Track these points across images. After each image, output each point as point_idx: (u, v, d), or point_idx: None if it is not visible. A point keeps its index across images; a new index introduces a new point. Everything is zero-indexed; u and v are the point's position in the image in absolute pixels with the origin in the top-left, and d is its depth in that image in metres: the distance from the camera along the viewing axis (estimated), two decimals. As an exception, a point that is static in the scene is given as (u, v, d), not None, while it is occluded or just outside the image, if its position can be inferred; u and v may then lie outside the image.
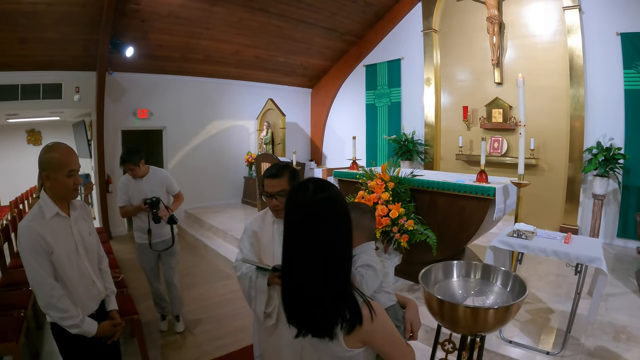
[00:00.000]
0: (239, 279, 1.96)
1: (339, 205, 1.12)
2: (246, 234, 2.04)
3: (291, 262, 1.13)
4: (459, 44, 6.83)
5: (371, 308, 1.09)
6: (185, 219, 7.78)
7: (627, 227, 5.04)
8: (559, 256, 2.58)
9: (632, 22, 4.91)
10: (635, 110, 4.95)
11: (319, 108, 9.77)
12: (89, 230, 2.01)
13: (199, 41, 6.88)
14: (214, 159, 8.33)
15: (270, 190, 1.88)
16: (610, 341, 2.88)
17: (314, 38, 7.87)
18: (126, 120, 7.11)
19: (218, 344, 3.38)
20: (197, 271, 5.35)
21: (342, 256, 1.11)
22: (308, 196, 1.10)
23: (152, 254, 3.48)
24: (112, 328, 1.98)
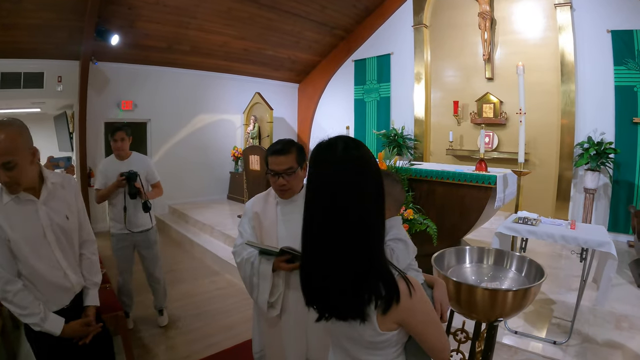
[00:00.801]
0: (238, 265, 1.82)
1: (373, 167, 0.97)
2: (246, 216, 1.90)
3: (314, 234, 0.98)
4: (450, 39, 6.83)
5: (408, 282, 0.95)
6: (169, 214, 7.56)
7: (617, 221, 5.11)
8: (567, 241, 2.54)
9: (623, 19, 4.99)
10: (625, 106, 5.02)
11: (306, 103, 9.66)
12: (65, 212, 1.73)
13: (186, 31, 6.67)
14: (199, 154, 8.11)
15: (275, 168, 1.74)
16: (613, 330, 2.87)
17: (303, 32, 7.76)
18: (109, 112, 6.83)
19: (209, 342, 3.22)
20: (183, 267, 5.16)
21: (375, 225, 0.96)
22: (337, 155, 0.94)
23: (127, 244, 3.29)
24: (83, 328, 1.71)
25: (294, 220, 1.79)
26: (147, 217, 3.29)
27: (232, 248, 1.96)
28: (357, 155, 0.95)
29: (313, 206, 0.98)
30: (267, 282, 1.73)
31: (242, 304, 3.98)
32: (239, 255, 1.82)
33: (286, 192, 1.80)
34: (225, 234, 5.64)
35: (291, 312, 1.79)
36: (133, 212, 3.20)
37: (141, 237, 3.31)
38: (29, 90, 5.98)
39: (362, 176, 0.94)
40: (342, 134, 1.01)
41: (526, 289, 1.78)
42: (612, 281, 2.44)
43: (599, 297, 2.53)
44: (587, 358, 2.52)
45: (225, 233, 5.65)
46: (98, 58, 6.36)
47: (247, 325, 3.47)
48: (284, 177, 1.74)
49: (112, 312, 2.58)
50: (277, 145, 1.77)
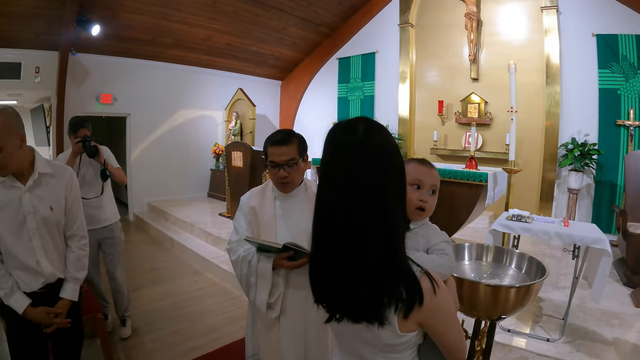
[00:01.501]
0: (233, 263, 1.71)
1: (397, 152, 0.88)
2: (242, 211, 1.78)
3: (328, 224, 0.87)
4: (436, 39, 6.84)
5: (432, 278, 0.86)
6: (149, 212, 7.34)
7: (600, 221, 5.19)
8: (561, 238, 2.53)
9: (608, 24, 5.10)
10: (609, 108, 5.12)
11: (289, 101, 9.56)
12: (51, 202, 1.73)
13: (169, 24, 6.48)
14: (179, 150, 7.90)
15: (276, 160, 1.64)
16: (604, 326, 2.88)
17: (288, 28, 7.66)
18: (88, 105, 6.57)
19: (192, 345, 3.07)
20: (163, 267, 4.97)
21: (398, 217, 0.86)
22: (358, 138, 0.84)
23: (91, 242, 3.02)
24: (47, 317, 1.71)
25: (293, 215, 1.72)
26: (110, 210, 3.10)
27: (213, 247, 1.84)
28: (381, 139, 0.86)
29: (329, 194, 0.87)
30: (266, 282, 1.62)
31: (226, 304, 3.85)
32: (234, 253, 1.70)
33: (287, 185, 1.70)
34: (206, 232, 5.49)
35: (290, 313, 1.69)
36: (90, 181, 2.97)
37: (105, 232, 3.08)
38: (5, 80, 5.73)
39: (385, 162, 0.85)
40: (361, 116, 0.91)
41: (529, 285, 1.74)
42: (607, 278, 2.44)
43: (594, 294, 2.52)
44: (581, 354, 2.51)
45: (206, 231, 5.50)
46: (78, 49, 6.13)
47: (232, 327, 3.36)
48: (285, 169, 1.64)
49: (91, 314, 2.42)
50: (277, 135, 1.67)
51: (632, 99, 4.98)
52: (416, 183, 1.24)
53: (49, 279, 1.74)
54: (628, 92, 5.01)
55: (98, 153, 2.87)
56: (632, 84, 4.97)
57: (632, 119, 4.90)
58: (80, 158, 2.89)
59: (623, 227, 3.80)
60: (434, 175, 1.27)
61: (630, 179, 4.24)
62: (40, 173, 1.71)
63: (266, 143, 1.69)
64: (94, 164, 2.96)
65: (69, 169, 1.87)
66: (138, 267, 4.84)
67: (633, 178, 4.23)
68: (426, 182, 1.24)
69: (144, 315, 3.50)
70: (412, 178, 1.23)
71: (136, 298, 3.77)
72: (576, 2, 5.34)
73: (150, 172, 7.46)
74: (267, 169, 1.73)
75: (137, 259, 5.19)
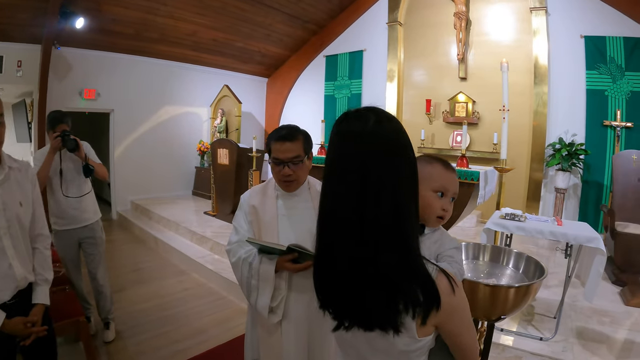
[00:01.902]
0: (233, 265, 1.63)
1: (410, 145, 0.82)
2: (242, 210, 1.71)
3: (336, 221, 0.80)
4: (424, 38, 6.84)
5: (450, 277, 0.80)
6: (132, 210, 7.16)
7: (586, 220, 5.18)
8: (556, 237, 2.52)
9: (596, 26, 5.16)
10: (596, 109, 5.18)
11: (275, 98, 9.45)
12: (20, 198, 1.61)
13: (155, 18, 6.31)
14: (164, 147, 7.73)
15: (280, 156, 1.57)
16: (596, 324, 2.90)
17: (275, 24, 7.56)
18: (71, 101, 6.37)
19: (177, 348, 2.95)
20: (147, 267, 4.83)
21: (412, 213, 0.79)
22: (369, 128, 0.78)
23: (71, 242, 2.92)
24: (25, 327, 1.55)
25: (296, 215, 1.67)
26: (91, 209, 2.97)
27: (199, 246, 1.75)
28: (394, 129, 0.80)
29: (336, 190, 0.80)
30: (268, 285, 1.54)
31: (212, 305, 3.75)
32: (234, 254, 1.62)
33: (291, 184, 1.63)
34: (191, 231, 5.37)
35: (292, 318, 1.62)
36: (72, 179, 2.84)
37: (86, 232, 2.95)
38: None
39: (400, 155, 0.79)
40: (371, 106, 0.85)
41: (528, 285, 1.71)
42: (601, 276, 2.43)
43: (587, 293, 2.52)
44: (574, 353, 2.50)
45: (191, 230, 5.38)
46: (61, 43, 5.95)
47: (219, 329, 3.27)
48: (289, 167, 1.57)
49: (73, 316, 2.30)
50: (282, 131, 1.60)
51: (619, 100, 5.05)
52: (441, 190, 1.12)
53: (20, 283, 1.59)
54: (615, 93, 5.07)
55: (78, 147, 2.74)
56: (619, 86, 5.04)
57: (619, 120, 4.96)
58: (60, 155, 2.76)
59: (611, 226, 3.84)
60: (457, 181, 1.18)
61: (618, 179, 4.29)
62: (9, 167, 1.60)
63: (270, 138, 1.63)
64: (75, 159, 2.83)
65: (30, 165, 1.76)
66: (121, 267, 4.69)
67: (620, 178, 4.27)
68: (450, 189, 1.14)
69: (127, 318, 3.38)
70: (438, 185, 1.11)
71: (119, 300, 3.64)
72: (565, 3, 5.39)
73: (134, 169, 7.29)
74: (270, 165, 1.65)
75: (120, 258, 5.04)
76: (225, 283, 4.07)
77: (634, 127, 4.93)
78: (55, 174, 2.78)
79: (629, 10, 4.95)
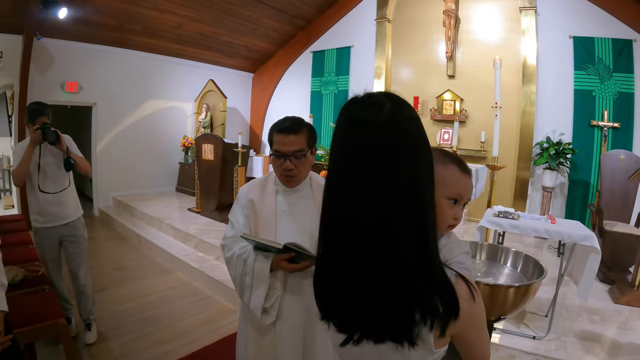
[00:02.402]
0: (227, 261, 1.57)
1: (428, 141, 0.74)
2: (239, 203, 1.63)
3: (344, 221, 0.71)
4: (413, 35, 6.80)
5: (469, 282, 0.73)
6: (114, 206, 6.97)
7: (573, 219, 5.28)
8: (551, 235, 2.50)
9: (585, 27, 5.20)
10: (584, 109, 5.23)
11: (260, 93, 9.32)
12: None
13: (140, 9, 6.12)
14: (147, 142, 7.54)
15: (283, 149, 1.49)
16: (587, 323, 2.91)
17: (262, 18, 7.42)
18: (52, 93, 6.15)
19: (161, 350, 2.85)
20: (130, 265, 4.68)
21: (431, 212, 0.72)
22: (384, 116, 0.68)
23: (52, 240, 2.79)
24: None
25: (296, 212, 1.59)
26: (72, 205, 2.85)
27: (183, 244, 1.63)
28: (410, 117, 0.71)
29: (347, 183, 0.71)
30: (262, 284, 1.47)
31: (197, 305, 3.65)
32: (229, 250, 1.55)
33: (292, 179, 1.55)
34: (175, 228, 5.24)
35: (287, 320, 1.54)
36: (52, 174, 2.70)
37: (67, 229, 2.83)
38: (-34, 65, 5.28)
39: (417, 150, 0.69)
40: (382, 91, 0.77)
41: (528, 285, 1.67)
42: (595, 274, 2.43)
43: (582, 291, 2.51)
44: (567, 351, 2.49)
45: (175, 227, 5.26)
46: (43, 34, 5.74)
47: (204, 330, 3.17)
48: (291, 161, 1.49)
49: (53, 318, 2.17)
50: (285, 122, 1.51)
51: (606, 100, 5.11)
52: (455, 198, 0.98)
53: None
54: (603, 93, 5.13)
55: (59, 140, 2.61)
56: (607, 86, 5.09)
57: (606, 120, 5.02)
58: (40, 149, 2.62)
59: (599, 224, 3.86)
60: (472, 185, 1.03)
61: (606, 178, 4.34)
62: None
63: (272, 130, 1.53)
64: (55, 153, 2.70)
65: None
66: (103, 266, 4.53)
67: (608, 177, 4.32)
68: (465, 196, 1.00)
69: (110, 318, 3.25)
70: (453, 192, 0.97)
71: (101, 299, 3.50)
72: (554, 4, 5.42)
73: (116, 165, 7.10)
74: (270, 158, 1.57)
75: (102, 256, 4.87)
76: (210, 282, 3.97)
77: (620, 127, 4.99)
78: (35, 169, 2.64)
79: (618, 12, 5.01)
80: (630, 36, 4.96)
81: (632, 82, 4.97)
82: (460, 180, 0.98)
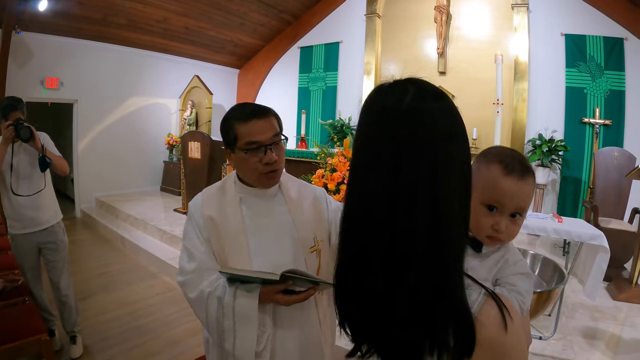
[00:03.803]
0: (193, 302, 1.21)
1: (461, 131, 0.60)
2: (194, 224, 1.25)
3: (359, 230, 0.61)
4: (403, 31, 6.73)
5: (502, 306, 0.58)
6: (97, 207, 6.71)
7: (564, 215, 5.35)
8: (559, 234, 2.46)
9: (576, 24, 5.24)
10: (575, 106, 5.26)
11: (246, 90, 9.14)
12: None
13: (123, 2, 5.88)
14: (130, 140, 7.31)
15: (260, 138, 1.17)
16: (589, 321, 2.89)
17: (249, 13, 7.26)
18: (32, 90, 5.89)
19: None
20: (115, 270, 4.47)
21: (458, 229, 0.59)
22: (405, 104, 0.57)
23: (30, 247, 2.58)
24: None
25: (270, 225, 1.27)
26: (50, 209, 2.66)
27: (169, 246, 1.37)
28: (443, 107, 0.59)
29: (363, 183, 0.61)
30: (250, 325, 1.13)
31: (187, 312, 3.44)
32: (193, 288, 1.19)
33: (277, 173, 1.24)
34: (161, 230, 5.07)
35: (281, 357, 1.24)
36: (26, 174, 2.51)
37: (45, 236, 2.63)
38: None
39: (444, 142, 0.57)
40: (407, 77, 0.63)
41: (550, 290, 1.61)
42: (604, 273, 2.39)
43: (589, 290, 2.48)
44: (574, 351, 2.46)
45: (160, 229, 5.08)
46: (22, 27, 5.48)
47: (195, 340, 3.00)
48: (272, 150, 1.19)
49: (34, 334, 1.99)
50: (246, 108, 1.21)
51: (598, 98, 5.15)
52: (491, 203, 0.82)
53: None
54: (594, 91, 5.17)
55: (33, 137, 2.40)
56: (598, 84, 5.13)
57: (597, 117, 5.06)
58: (13, 147, 2.42)
59: (595, 221, 3.87)
60: (525, 192, 0.83)
61: (600, 175, 4.35)
62: None
63: (231, 122, 1.20)
64: (30, 152, 2.50)
65: None
66: (86, 271, 4.31)
67: (602, 174, 4.34)
68: (507, 203, 0.82)
69: (95, 330, 3.05)
70: (488, 196, 0.82)
71: (86, 308, 3.30)
72: (546, 1, 5.43)
73: (99, 164, 6.84)
74: (232, 157, 1.24)
75: (84, 261, 4.65)
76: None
77: (612, 124, 5.04)
78: (7, 169, 2.44)
79: (610, 10, 5.05)
80: (621, 34, 5.00)
81: (623, 80, 5.02)
82: (500, 184, 0.82)
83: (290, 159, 4.71)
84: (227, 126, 1.21)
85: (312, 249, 1.27)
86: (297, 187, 1.35)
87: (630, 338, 2.66)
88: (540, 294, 1.54)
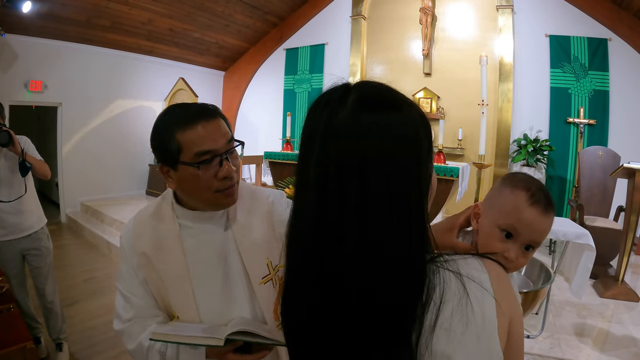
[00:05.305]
0: (131, 354, 1.02)
1: (416, 142, 0.58)
2: (127, 263, 1.03)
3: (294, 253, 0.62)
4: (389, 32, 6.76)
5: (491, 257, 0.61)
6: (82, 212, 6.59)
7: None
8: (546, 234, 2.47)
9: (561, 25, 5.31)
10: (560, 106, 5.33)
11: (232, 92, 9.08)
12: None
13: (108, 3, 5.79)
14: (116, 144, 7.20)
15: (215, 146, 0.93)
16: (576, 318, 2.93)
17: (234, 14, 7.21)
18: (15, 93, 5.77)
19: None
20: (101, 275, 4.39)
21: (412, 248, 0.55)
22: (340, 120, 0.58)
23: (13, 254, 2.51)
24: None
25: (220, 257, 1.02)
26: (34, 215, 2.59)
27: None
28: (371, 121, 0.57)
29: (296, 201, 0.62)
30: None
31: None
32: (132, 339, 1.00)
33: (234, 189, 0.99)
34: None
35: None
36: (6, 180, 2.43)
37: (29, 242, 2.56)
38: None
39: (374, 157, 0.55)
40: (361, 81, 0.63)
41: (537, 290, 1.62)
42: (589, 272, 2.42)
43: (575, 289, 2.50)
44: (562, 349, 2.49)
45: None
46: (6, 29, 5.37)
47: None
48: (229, 160, 0.96)
49: (20, 342, 1.93)
50: (189, 110, 0.96)
51: (582, 98, 5.23)
52: (508, 230, 0.79)
53: None
54: (578, 91, 5.25)
55: (12, 141, 2.31)
56: (583, 84, 5.21)
57: (582, 117, 5.14)
58: None
59: (580, 220, 3.92)
60: (544, 227, 0.79)
61: (585, 174, 4.42)
62: None
63: (171, 129, 0.93)
64: (10, 157, 2.42)
65: None
66: (72, 277, 4.23)
67: (587, 173, 4.40)
68: (526, 235, 0.79)
69: (82, 336, 3.00)
70: (506, 221, 0.79)
71: (72, 315, 3.24)
72: (531, 2, 5.50)
73: (84, 168, 6.72)
74: (172, 176, 0.97)
75: (70, 267, 4.55)
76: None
77: (596, 124, 5.12)
78: None
79: (594, 11, 5.14)
80: (605, 35, 5.09)
81: (607, 80, 5.11)
82: (523, 212, 0.78)
83: (275, 161, 4.70)
84: (165, 137, 0.93)
85: (266, 278, 1.03)
86: (247, 201, 1.09)
87: (617, 335, 2.71)
88: (527, 294, 1.54)
